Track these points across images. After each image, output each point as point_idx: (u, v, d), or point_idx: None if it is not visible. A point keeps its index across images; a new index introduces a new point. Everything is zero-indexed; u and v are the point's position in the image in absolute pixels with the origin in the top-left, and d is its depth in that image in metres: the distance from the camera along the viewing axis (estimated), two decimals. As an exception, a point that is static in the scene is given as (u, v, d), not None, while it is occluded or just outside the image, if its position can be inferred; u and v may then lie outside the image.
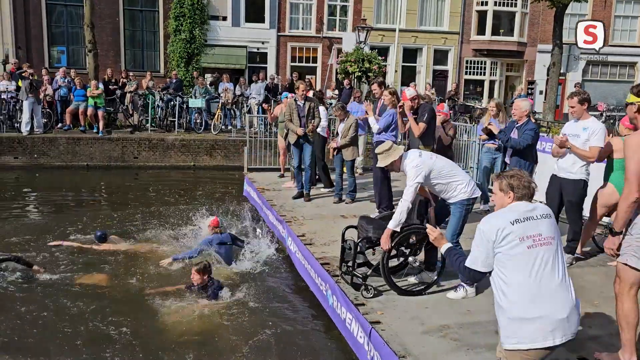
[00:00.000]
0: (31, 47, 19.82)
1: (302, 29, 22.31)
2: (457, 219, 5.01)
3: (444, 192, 4.97)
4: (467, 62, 23.90)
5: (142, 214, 9.70)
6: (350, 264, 5.15)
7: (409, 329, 4.37)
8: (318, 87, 19.92)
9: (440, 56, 23.74)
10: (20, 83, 14.78)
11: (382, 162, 5.02)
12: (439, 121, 7.80)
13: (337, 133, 8.74)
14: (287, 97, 10.29)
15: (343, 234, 5.40)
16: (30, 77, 14.65)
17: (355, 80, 17.42)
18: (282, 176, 10.75)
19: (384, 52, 21.60)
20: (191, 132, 15.81)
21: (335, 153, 8.79)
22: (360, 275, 5.01)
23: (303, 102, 8.43)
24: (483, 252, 3.05)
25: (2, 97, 14.70)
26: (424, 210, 5.14)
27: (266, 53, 21.97)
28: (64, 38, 20.56)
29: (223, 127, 16.24)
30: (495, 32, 23.36)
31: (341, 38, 19.72)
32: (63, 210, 10.39)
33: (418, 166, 4.81)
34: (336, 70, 19.51)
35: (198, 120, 16.00)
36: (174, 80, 17.16)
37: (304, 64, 22.44)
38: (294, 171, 9.74)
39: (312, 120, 8.42)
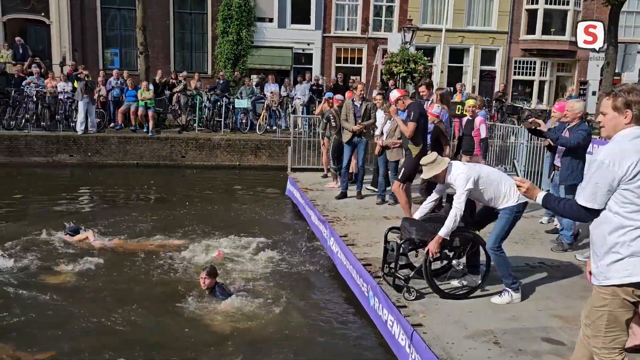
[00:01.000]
0: (86, 50, 20.68)
1: (348, 29, 22.32)
2: (504, 224, 4.88)
3: (492, 200, 4.89)
4: (515, 62, 23.30)
5: (179, 212, 9.97)
6: (392, 265, 5.13)
7: (452, 333, 4.31)
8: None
9: (487, 56, 23.25)
10: (76, 84, 15.47)
11: (426, 174, 4.99)
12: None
13: (382, 132, 8.73)
14: (330, 97, 10.38)
15: (385, 236, 5.38)
16: (86, 79, 15.29)
17: (400, 81, 17.28)
18: (325, 176, 10.81)
19: (429, 52, 21.35)
20: (237, 132, 16.10)
21: (379, 154, 8.78)
22: (403, 277, 4.98)
23: (360, 102, 8.55)
24: (604, 187, 2.73)
25: (60, 97, 15.43)
26: (468, 213, 5.06)
27: (311, 54, 22.11)
28: (117, 41, 21.35)
29: (268, 127, 16.47)
30: (545, 31, 22.66)
31: (386, 39, 19.61)
32: (111, 205, 10.79)
33: (466, 173, 4.78)
34: (381, 70, 19.41)
35: (244, 121, 16.29)
36: (221, 81, 17.53)
37: (348, 65, 22.44)
38: (333, 172, 9.82)
39: (363, 120, 8.51)
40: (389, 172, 8.77)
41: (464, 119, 8.29)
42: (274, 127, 16.54)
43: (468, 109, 8.05)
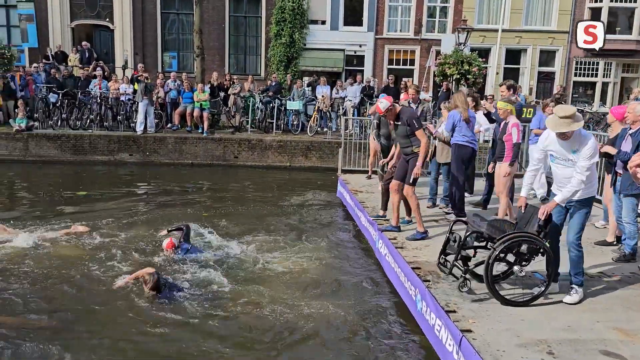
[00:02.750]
0: (146, 53, 21.51)
1: (400, 31, 22.13)
2: (583, 217, 4.88)
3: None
4: (576, 62, 22.36)
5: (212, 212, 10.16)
6: (447, 257, 5.15)
7: (503, 341, 4.20)
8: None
9: (546, 57, 22.44)
10: (136, 86, 16.11)
11: (565, 127, 4.54)
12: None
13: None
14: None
15: (451, 226, 5.38)
16: (145, 81, 15.90)
17: (454, 82, 16.96)
18: (369, 177, 10.83)
19: (484, 53, 20.83)
20: (288, 133, 16.30)
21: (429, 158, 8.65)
22: (462, 268, 4.96)
23: (416, 105, 8.52)
24: None
25: (121, 99, 16.13)
26: (543, 222, 4.84)
27: (363, 56, 22.07)
28: (175, 44, 22.09)
29: (319, 129, 16.58)
30: (610, 30, 21.60)
31: (439, 40, 19.31)
32: (167, 201, 11.14)
33: (594, 142, 4.68)
34: (434, 72, 19.12)
35: (295, 122, 16.48)
36: (274, 83, 17.78)
37: (400, 67, 22.24)
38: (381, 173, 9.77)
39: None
40: (440, 175, 8.65)
41: (501, 123, 7.78)
42: (325, 129, 16.63)
43: (499, 111, 7.26)
